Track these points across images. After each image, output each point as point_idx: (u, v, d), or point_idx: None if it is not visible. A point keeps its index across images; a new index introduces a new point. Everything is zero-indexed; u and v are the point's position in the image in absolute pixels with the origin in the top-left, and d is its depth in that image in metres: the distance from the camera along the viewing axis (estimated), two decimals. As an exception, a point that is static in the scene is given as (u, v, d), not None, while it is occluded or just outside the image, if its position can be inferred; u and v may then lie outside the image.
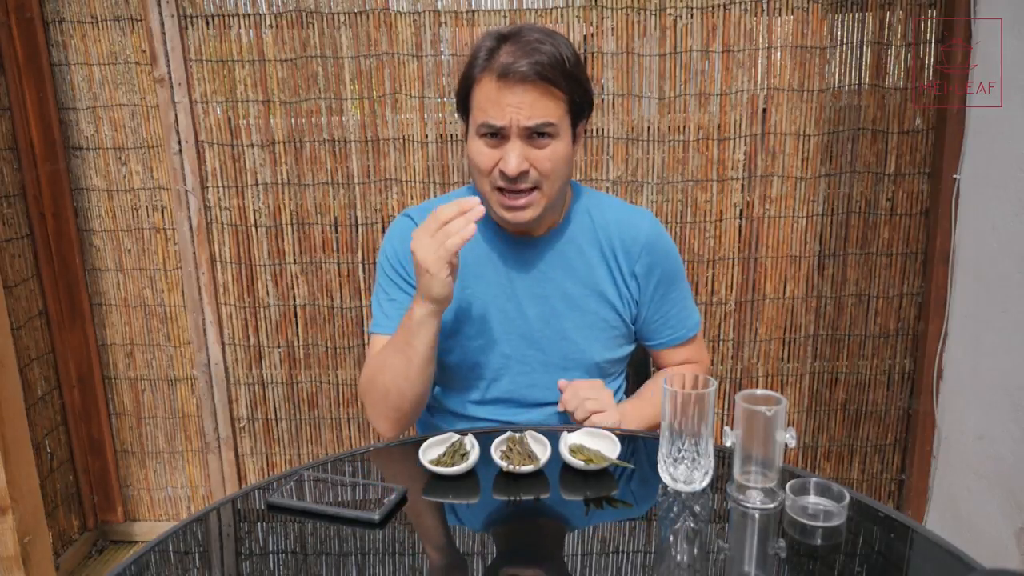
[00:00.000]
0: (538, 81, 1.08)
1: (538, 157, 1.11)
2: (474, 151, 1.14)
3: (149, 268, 2.12)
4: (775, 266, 2.04)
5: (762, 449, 0.90)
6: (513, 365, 1.24)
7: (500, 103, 1.08)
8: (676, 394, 0.91)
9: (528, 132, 1.10)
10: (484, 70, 1.11)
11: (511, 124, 1.09)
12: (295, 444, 2.22)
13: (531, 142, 1.11)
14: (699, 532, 0.89)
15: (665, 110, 1.95)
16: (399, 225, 1.28)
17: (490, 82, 1.09)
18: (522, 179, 1.11)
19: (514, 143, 1.10)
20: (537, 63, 1.07)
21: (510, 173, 1.10)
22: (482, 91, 1.11)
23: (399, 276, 1.25)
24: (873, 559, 0.86)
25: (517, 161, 1.09)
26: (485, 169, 1.13)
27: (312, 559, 0.87)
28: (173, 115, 1.98)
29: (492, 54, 1.10)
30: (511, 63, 1.07)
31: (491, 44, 1.11)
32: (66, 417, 2.16)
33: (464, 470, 0.99)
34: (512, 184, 1.12)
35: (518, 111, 1.08)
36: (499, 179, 1.13)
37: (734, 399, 0.92)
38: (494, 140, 1.12)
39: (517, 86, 1.07)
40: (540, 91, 1.09)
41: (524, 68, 1.06)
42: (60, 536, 2.12)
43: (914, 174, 1.99)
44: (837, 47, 1.91)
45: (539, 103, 1.09)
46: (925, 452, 2.05)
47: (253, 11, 1.93)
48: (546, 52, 1.08)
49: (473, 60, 1.13)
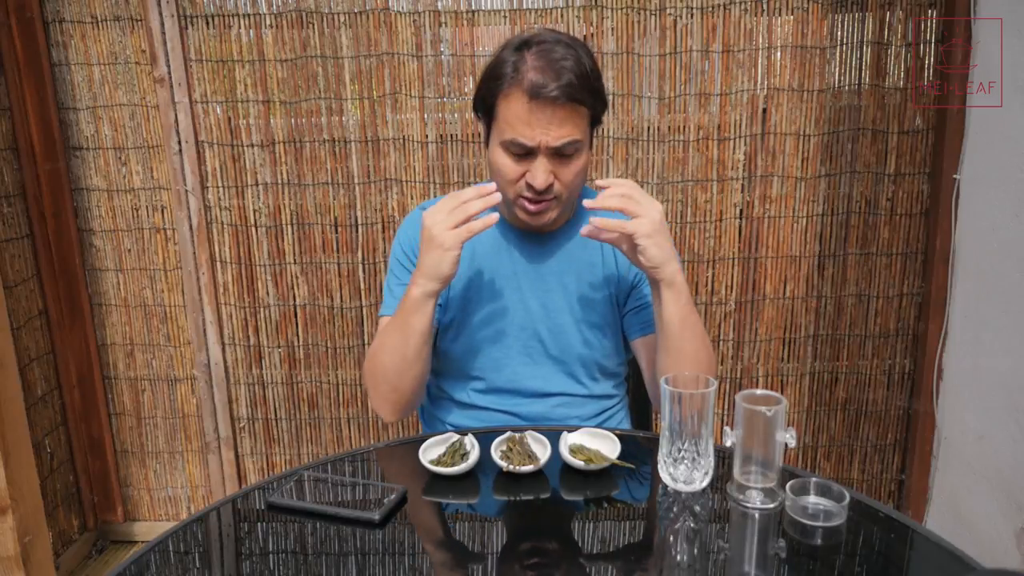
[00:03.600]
0: (567, 103, 1.10)
1: (563, 172, 1.15)
2: (500, 163, 1.16)
3: (149, 268, 2.12)
4: (775, 266, 2.04)
5: (762, 449, 0.90)
6: (516, 357, 1.26)
7: (530, 123, 1.11)
8: (676, 394, 0.91)
9: (555, 150, 1.13)
10: (512, 85, 1.11)
11: (540, 144, 1.12)
12: (295, 444, 2.22)
13: (557, 159, 1.14)
14: (699, 532, 0.89)
15: (665, 110, 1.95)
16: (416, 216, 1.31)
17: (519, 100, 1.11)
18: (547, 191, 1.15)
19: (541, 160, 1.13)
20: (568, 85, 1.09)
21: (539, 187, 1.13)
22: (510, 107, 1.12)
23: (411, 262, 1.27)
24: (873, 559, 0.86)
25: (544, 177, 1.13)
26: (511, 180, 1.17)
27: (312, 559, 0.87)
28: (173, 115, 1.98)
29: (518, 68, 1.11)
30: (541, 84, 1.08)
31: (516, 57, 1.12)
32: (66, 417, 2.16)
33: (464, 470, 0.99)
34: (537, 195, 1.15)
35: (546, 133, 1.11)
36: (524, 189, 1.16)
37: (734, 399, 0.92)
38: (521, 155, 1.15)
39: (547, 107, 1.09)
40: (568, 111, 1.11)
41: (555, 92, 1.08)
42: (60, 536, 2.12)
43: (914, 174, 1.99)
44: (837, 47, 1.91)
45: (567, 123, 1.11)
46: (925, 452, 2.05)
47: (253, 11, 1.93)
48: (572, 70, 1.09)
49: (498, 70, 1.14)
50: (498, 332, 1.25)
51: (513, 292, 1.26)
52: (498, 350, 1.26)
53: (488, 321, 1.25)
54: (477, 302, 1.26)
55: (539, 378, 1.27)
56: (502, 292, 1.26)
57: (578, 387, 1.28)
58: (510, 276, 1.26)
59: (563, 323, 1.26)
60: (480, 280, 1.26)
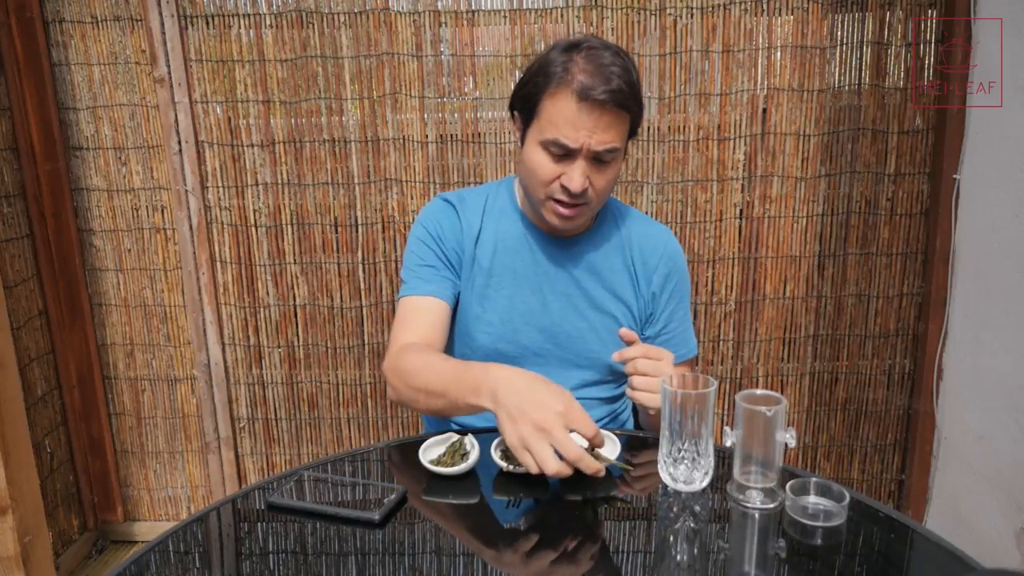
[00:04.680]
0: (614, 108, 1.10)
1: (598, 178, 1.15)
2: (536, 161, 1.16)
3: (149, 268, 2.12)
4: (775, 266, 2.04)
5: (762, 449, 0.90)
6: (529, 356, 1.26)
7: (576, 125, 1.10)
8: (676, 394, 0.91)
9: (595, 155, 1.13)
10: (561, 84, 1.11)
11: (583, 147, 1.12)
12: (295, 444, 2.22)
13: (594, 164, 1.14)
14: (699, 532, 0.89)
15: (665, 110, 1.95)
16: (436, 206, 1.31)
17: (567, 100, 1.10)
18: (581, 196, 1.15)
19: (580, 163, 1.13)
20: (618, 91, 1.09)
21: (575, 190, 1.13)
22: (556, 107, 1.12)
23: (436, 244, 1.28)
24: (873, 559, 0.86)
25: (581, 180, 1.13)
26: (545, 181, 1.16)
27: (312, 559, 0.87)
28: (173, 115, 1.98)
29: (568, 68, 1.11)
30: (591, 87, 1.08)
31: (566, 58, 1.12)
32: (66, 417, 2.16)
33: (464, 470, 0.99)
34: (571, 199, 1.15)
35: (590, 136, 1.11)
36: (558, 192, 1.16)
37: (734, 399, 0.92)
38: (560, 156, 1.14)
39: (595, 111, 1.09)
40: (613, 117, 1.11)
41: (604, 97, 1.08)
42: (60, 536, 2.12)
43: (914, 174, 1.99)
44: (837, 47, 1.91)
45: (611, 129, 1.12)
46: (925, 452, 2.05)
47: (253, 11, 1.93)
48: (621, 76, 1.10)
49: (547, 69, 1.13)
50: (514, 331, 1.26)
51: (532, 294, 1.26)
52: (512, 349, 1.26)
53: (506, 320, 1.26)
54: (495, 300, 1.26)
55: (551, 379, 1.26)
56: (521, 292, 1.26)
57: (589, 390, 1.28)
58: (531, 277, 1.26)
59: (580, 328, 1.26)
60: (500, 278, 1.26)
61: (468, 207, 1.30)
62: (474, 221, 1.29)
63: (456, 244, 1.27)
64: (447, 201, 1.31)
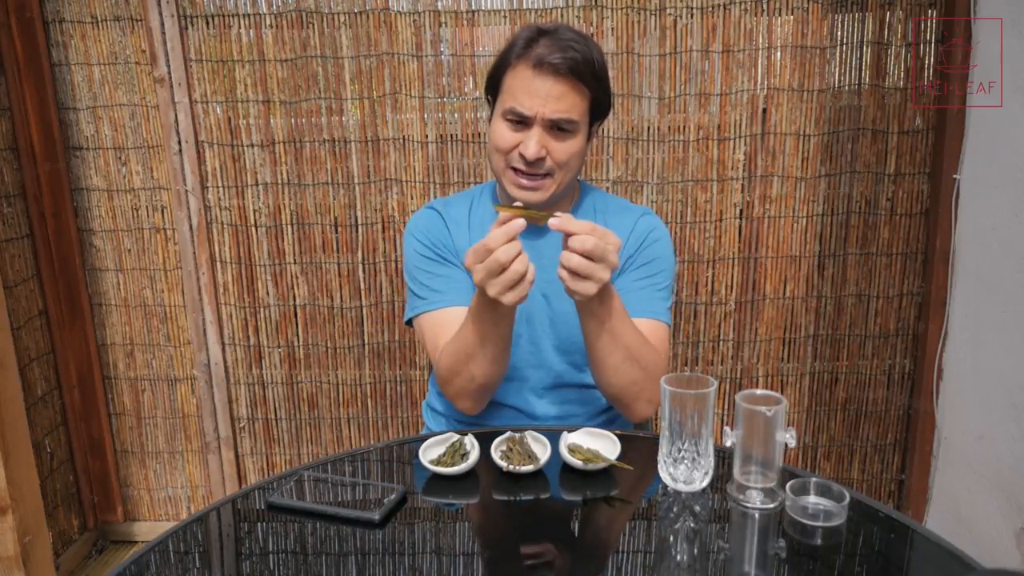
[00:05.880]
0: (569, 76, 1.14)
1: (555, 148, 1.18)
2: (496, 132, 1.20)
3: (149, 268, 2.12)
4: (775, 266, 2.04)
5: (762, 449, 0.90)
6: (524, 346, 1.27)
7: (530, 91, 1.15)
8: (676, 394, 0.91)
9: (551, 123, 1.16)
10: (520, 58, 1.16)
11: (536, 114, 1.15)
12: (295, 444, 2.22)
13: (551, 133, 1.17)
14: (699, 532, 0.89)
15: (665, 110, 1.95)
16: (424, 215, 1.33)
17: (524, 69, 1.15)
18: (538, 165, 1.18)
19: (536, 130, 1.16)
20: (571, 59, 1.13)
21: (529, 157, 1.16)
22: (515, 77, 1.17)
23: (436, 254, 1.29)
24: (873, 559, 0.86)
25: (536, 148, 1.16)
26: (504, 149, 1.19)
27: (312, 559, 0.87)
28: (173, 115, 1.98)
29: (529, 44, 1.16)
30: (546, 54, 1.13)
31: (530, 35, 1.17)
32: (66, 417, 2.16)
33: (464, 470, 0.99)
34: (528, 167, 1.18)
35: (544, 103, 1.14)
36: (516, 160, 1.19)
37: (734, 399, 0.92)
38: (518, 125, 1.18)
39: (549, 77, 1.14)
40: (568, 86, 1.15)
41: (557, 61, 1.13)
42: (60, 536, 2.12)
43: (914, 174, 1.98)
44: (837, 47, 1.91)
45: (566, 98, 1.15)
46: (925, 452, 2.05)
47: (253, 11, 1.93)
48: (580, 51, 1.14)
49: (510, 47, 1.19)
50: None
51: None
52: None
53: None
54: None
55: (543, 368, 1.28)
56: None
57: (582, 375, 1.28)
58: None
59: (562, 312, 1.26)
60: None
61: (453, 209, 1.33)
62: (461, 221, 1.31)
63: (450, 244, 1.29)
64: (432, 208, 1.34)
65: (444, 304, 1.25)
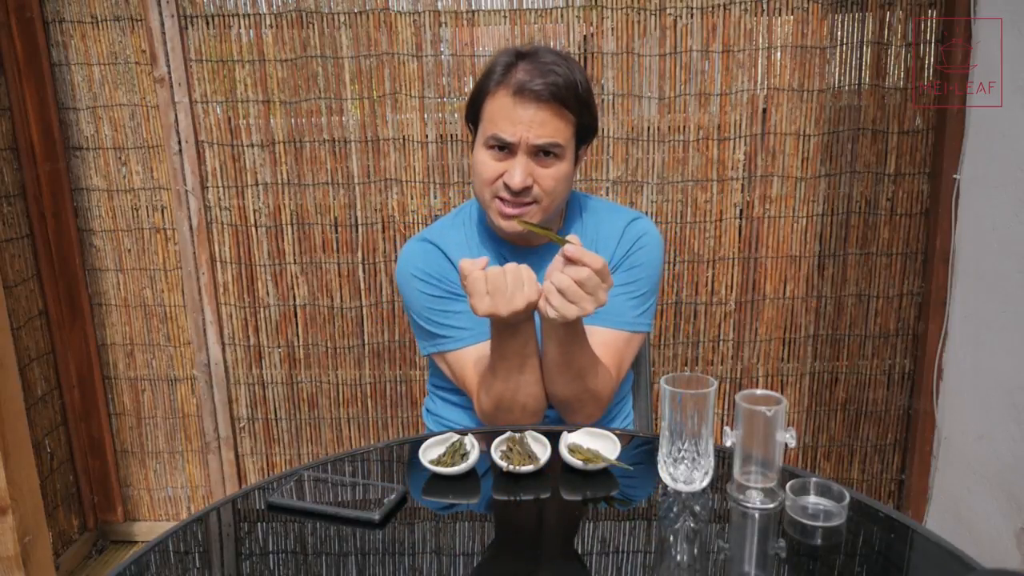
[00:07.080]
0: (551, 102, 1.10)
1: (541, 175, 1.14)
2: (479, 161, 1.17)
3: (149, 268, 2.12)
4: (775, 266, 2.04)
5: (762, 449, 0.90)
6: None
7: (512, 118, 1.11)
8: (676, 394, 0.91)
9: (535, 150, 1.13)
10: (500, 84, 1.13)
11: (520, 140, 1.12)
12: (295, 444, 2.22)
13: (536, 159, 1.14)
14: (699, 532, 0.89)
15: (665, 110, 1.95)
16: (419, 250, 1.28)
17: (505, 96, 1.12)
18: (524, 193, 1.14)
19: (520, 158, 1.13)
20: (552, 84, 1.10)
21: (514, 187, 1.12)
22: (495, 104, 1.13)
23: (444, 290, 1.25)
24: (873, 559, 0.86)
25: (522, 176, 1.12)
26: (488, 179, 1.16)
27: (312, 559, 0.87)
28: (173, 115, 1.98)
29: (509, 69, 1.13)
30: (527, 80, 1.10)
31: (508, 60, 1.14)
32: (66, 417, 2.16)
33: (464, 470, 0.99)
34: (514, 197, 1.14)
35: (528, 129, 1.11)
36: (501, 190, 1.15)
37: (734, 399, 0.92)
38: (501, 153, 1.14)
39: (531, 104, 1.10)
40: (552, 111, 1.11)
41: (539, 87, 1.09)
42: (60, 536, 2.12)
43: (914, 174, 1.99)
44: (837, 47, 1.91)
45: (550, 123, 1.12)
46: (925, 452, 2.05)
47: (253, 11, 1.93)
48: (561, 75, 1.11)
49: (489, 73, 1.15)
50: None
51: None
52: None
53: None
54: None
55: None
56: None
57: None
58: None
59: None
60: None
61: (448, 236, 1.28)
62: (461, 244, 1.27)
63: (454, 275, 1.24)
64: (425, 241, 1.29)
65: (474, 341, 1.22)
